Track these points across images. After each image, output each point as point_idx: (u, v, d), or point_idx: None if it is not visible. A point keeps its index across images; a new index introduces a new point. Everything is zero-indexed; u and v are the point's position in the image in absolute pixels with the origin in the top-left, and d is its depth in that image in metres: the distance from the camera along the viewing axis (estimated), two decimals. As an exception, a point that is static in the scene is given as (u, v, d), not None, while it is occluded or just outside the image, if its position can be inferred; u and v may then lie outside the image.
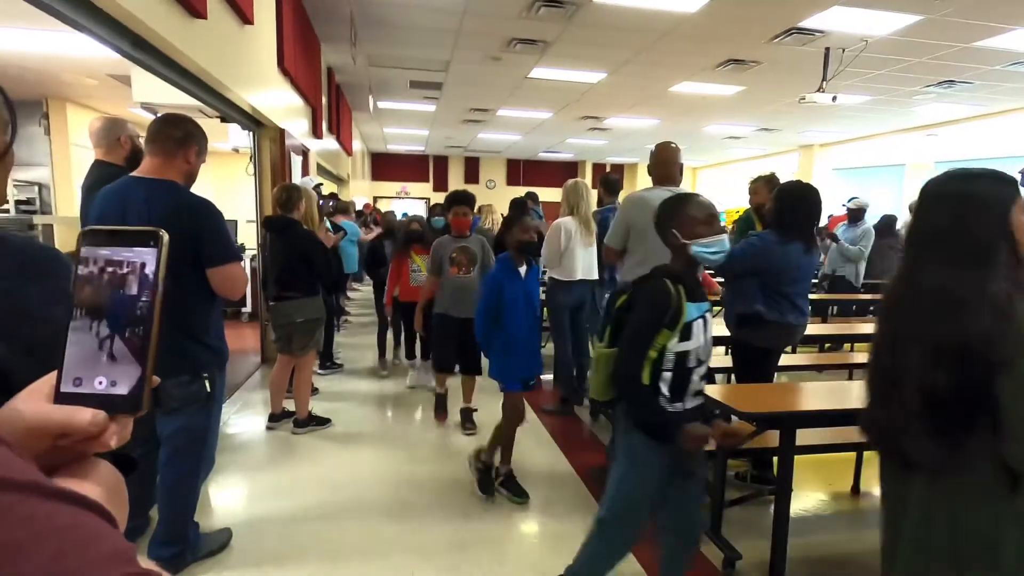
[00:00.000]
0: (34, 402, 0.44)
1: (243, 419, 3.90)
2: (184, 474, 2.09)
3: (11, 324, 0.77)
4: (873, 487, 3.16)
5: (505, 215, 5.32)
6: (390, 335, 5.23)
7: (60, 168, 6.60)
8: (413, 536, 2.52)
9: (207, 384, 1.99)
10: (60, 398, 0.44)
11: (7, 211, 6.22)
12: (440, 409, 3.99)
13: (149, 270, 0.44)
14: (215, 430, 2.20)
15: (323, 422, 3.73)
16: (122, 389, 0.44)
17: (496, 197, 12.90)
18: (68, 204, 6.36)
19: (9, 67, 5.04)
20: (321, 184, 5.44)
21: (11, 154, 0.89)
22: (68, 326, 0.44)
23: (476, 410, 3.82)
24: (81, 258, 0.45)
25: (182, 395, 1.95)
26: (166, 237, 0.45)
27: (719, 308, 3.50)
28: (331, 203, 6.20)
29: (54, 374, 0.45)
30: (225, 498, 2.89)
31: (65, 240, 4.91)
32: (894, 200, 10.95)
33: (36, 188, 6.94)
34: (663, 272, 1.66)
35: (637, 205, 2.81)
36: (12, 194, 6.46)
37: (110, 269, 0.44)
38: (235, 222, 6.95)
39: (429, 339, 4.17)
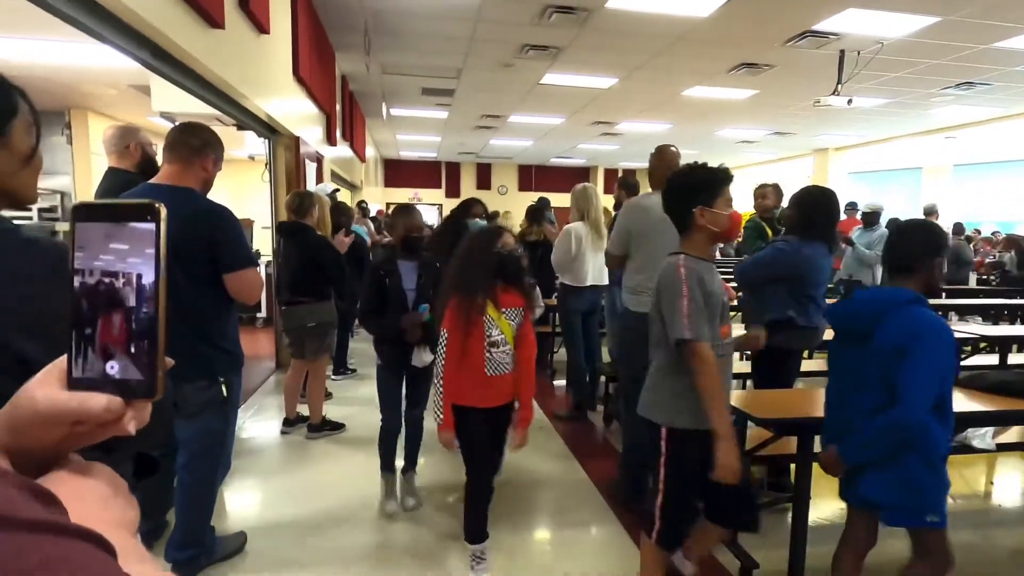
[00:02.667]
0: (48, 388, 0.43)
1: (258, 424, 3.93)
2: (202, 477, 2.11)
3: (43, 324, 0.79)
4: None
5: (522, 223, 5.35)
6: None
7: (81, 176, 6.74)
8: (427, 541, 2.51)
9: (224, 388, 2.01)
10: (73, 384, 0.43)
11: (31, 218, 6.37)
12: None
13: (149, 247, 0.42)
14: (232, 434, 2.22)
15: (337, 427, 3.75)
16: (135, 373, 0.43)
17: (508, 203, 12.94)
18: (88, 211, 6.47)
19: (34, 78, 5.17)
20: (338, 190, 5.48)
21: (39, 156, 0.91)
22: (74, 310, 0.43)
23: None
24: (76, 236, 0.42)
25: (199, 399, 1.97)
26: (164, 211, 0.42)
27: (734, 313, 3.47)
28: (362, 204, 6.28)
29: (64, 359, 0.44)
30: (240, 502, 2.91)
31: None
32: (911, 204, 10.81)
33: (58, 196, 7.09)
34: None
35: (636, 211, 2.81)
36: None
37: (109, 247, 0.42)
38: (251, 228, 7.05)
39: None
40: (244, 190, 7.62)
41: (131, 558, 0.36)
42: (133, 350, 0.43)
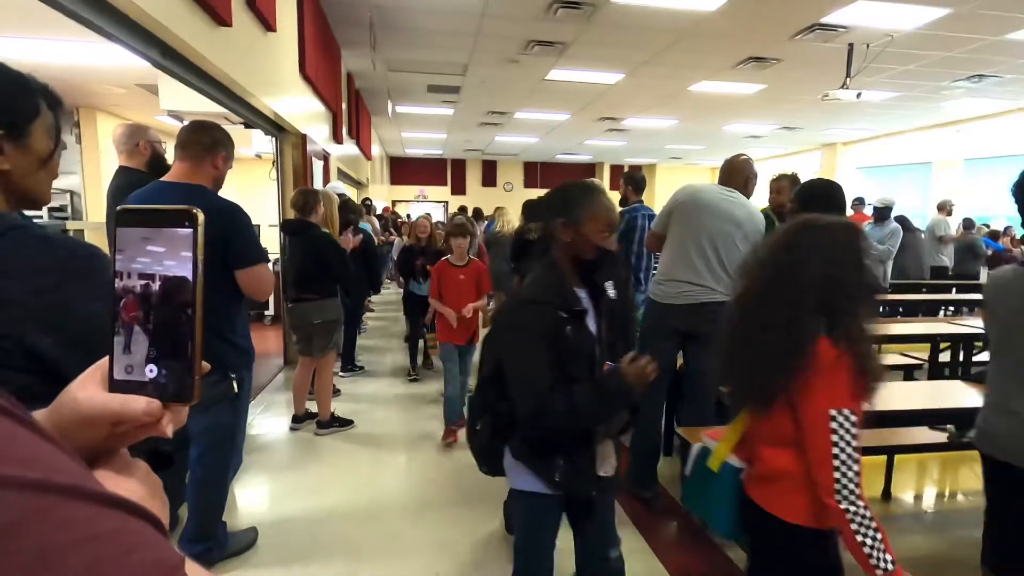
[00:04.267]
0: (89, 390, 0.44)
1: (267, 420, 3.95)
2: (213, 472, 2.13)
3: (57, 319, 0.80)
4: (904, 492, 3.08)
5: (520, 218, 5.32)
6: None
7: (90, 175, 6.80)
8: (436, 535, 2.52)
9: (235, 383, 2.02)
10: (114, 385, 0.44)
11: (41, 216, 6.43)
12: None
13: (187, 252, 0.43)
14: (243, 429, 2.23)
15: (346, 423, 3.77)
16: (172, 377, 0.44)
17: (514, 200, 12.93)
18: (98, 210, 6.53)
19: (44, 78, 5.21)
20: (344, 194, 5.49)
21: (56, 159, 0.92)
22: (114, 313, 0.44)
23: None
24: (118, 240, 0.43)
25: (211, 394, 1.98)
26: (201, 216, 0.43)
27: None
28: (367, 201, 6.28)
29: (106, 360, 0.45)
30: (251, 498, 2.94)
31: (97, 245, 5.04)
32: (921, 199, 10.71)
33: (68, 195, 7.15)
34: None
35: (687, 190, 2.81)
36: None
37: (149, 252, 0.43)
38: (258, 226, 7.07)
39: None
40: (252, 188, 7.66)
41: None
42: (171, 354, 0.44)
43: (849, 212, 6.73)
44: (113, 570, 0.29)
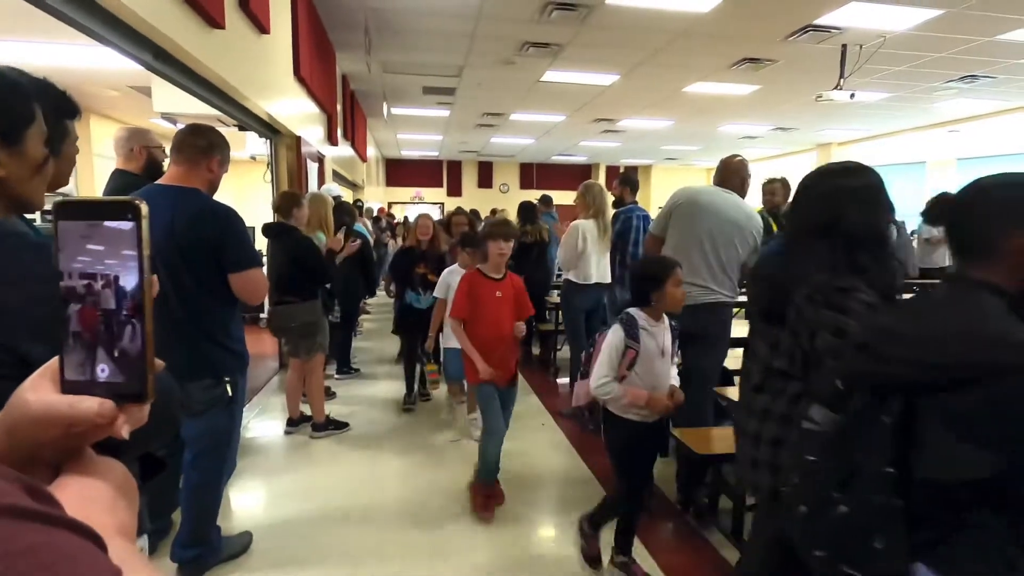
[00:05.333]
0: (41, 391, 0.43)
1: (262, 423, 3.94)
2: (207, 476, 2.12)
3: (51, 328, 0.80)
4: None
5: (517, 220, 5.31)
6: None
7: (83, 178, 6.75)
8: (432, 539, 2.52)
9: (229, 388, 2.01)
10: (66, 386, 0.42)
11: (34, 219, 6.37)
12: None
13: (131, 250, 0.41)
14: (237, 433, 2.22)
15: (341, 426, 3.75)
16: (124, 376, 0.42)
17: (510, 201, 12.93)
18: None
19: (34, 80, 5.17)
20: (340, 196, 5.47)
21: (50, 164, 0.92)
22: (61, 312, 0.42)
23: None
24: (59, 236, 0.41)
25: (205, 398, 1.97)
26: (145, 208, 0.41)
27: (738, 309, 3.46)
28: (358, 203, 6.24)
29: (57, 359, 0.43)
30: (245, 502, 2.92)
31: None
32: (915, 199, 10.76)
33: (61, 198, 7.11)
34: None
35: (685, 192, 2.82)
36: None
37: (91, 248, 0.41)
38: (252, 229, 7.05)
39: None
40: (247, 191, 7.64)
41: (134, 561, 0.36)
42: (121, 353, 0.42)
43: None
44: None
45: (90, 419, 0.42)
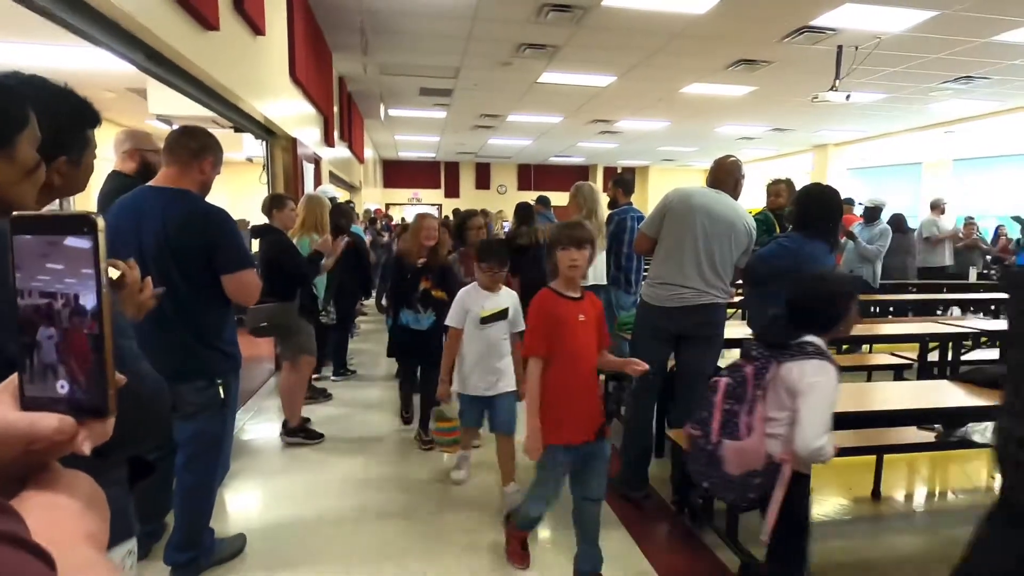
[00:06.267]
0: (1, 408, 0.42)
1: (257, 425, 3.93)
2: (200, 479, 2.11)
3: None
4: (894, 492, 3.09)
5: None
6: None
7: (80, 180, 6.73)
8: (426, 541, 2.51)
9: (221, 390, 2.01)
10: (26, 403, 0.42)
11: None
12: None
13: (88, 268, 0.41)
14: (230, 435, 2.21)
15: (314, 436, 3.61)
16: (84, 392, 0.42)
17: (507, 202, 12.93)
18: (88, 215, 6.48)
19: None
20: (335, 197, 5.46)
21: (41, 169, 0.91)
22: (20, 329, 0.42)
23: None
24: (16, 252, 0.41)
25: (197, 400, 1.97)
26: (101, 222, 0.41)
27: (733, 311, 3.47)
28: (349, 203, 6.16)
29: (16, 375, 0.43)
30: (239, 504, 2.91)
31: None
32: (911, 199, 10.79)
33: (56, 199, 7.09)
34: None
35: (678, 193, 2.80)
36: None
37: (47, 266, 0.41)
38: (245, 229, 7.05)
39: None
40: (242, 192, 7.62)
41: (99, 569, 0.35)
42: (80, 369, 0.42)
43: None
44: None
45: (49, 436, 0.41)
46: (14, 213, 0.42)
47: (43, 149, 0.90)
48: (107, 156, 2.74)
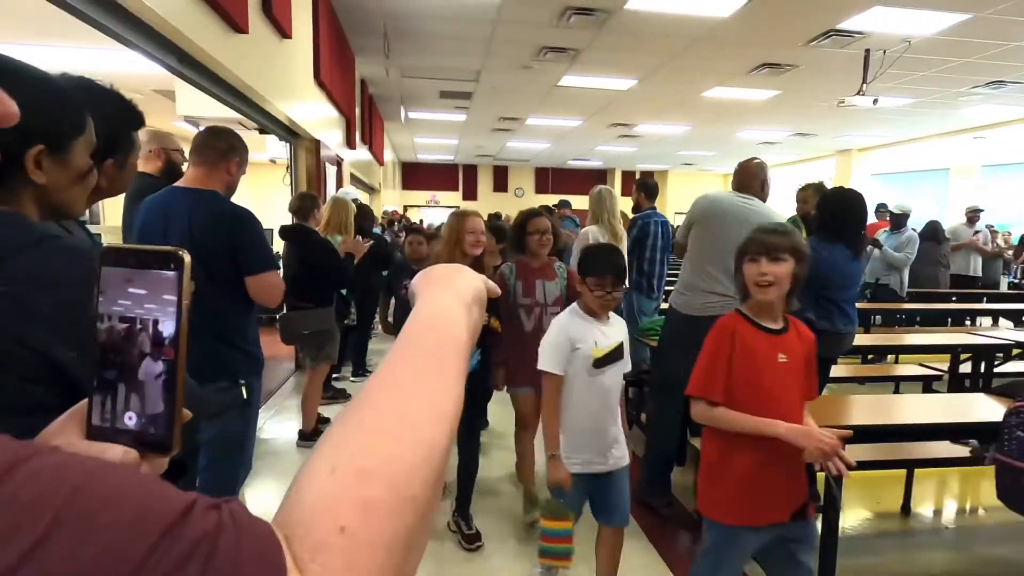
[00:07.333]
0: (66, 435, 0.42)
1: (278, 425, 3.96)
2: (223, 479, 2.12)
3: (80, 333, 0.79)
4: (924, 507, 3.01)
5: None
6: None
7: (108, 180, 6.88)
8: (444, 543, 2.50)
9: (244, 391, 2.02)
10: (92, 432, 0.42)
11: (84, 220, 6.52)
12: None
13: (171, 295, 0.41)
14: (252, 435, 2.22)
15: None
16: (151, 426, 0.41)
17: (525, 206, 12.95)
18: (115, 214, 6.61)
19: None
20: (356, 199, 5.49)
21: (93, 174, 0.92)
22: (95, 355, 0.41)
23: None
24: (101, 279, 0.41)
25: (220, 401, 1.98)
26: (187, 258, 0.41)
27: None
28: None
29: (85, 404, 0.43)
30: (261, 503, 2.93)
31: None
32: (938, 206, 10.54)
33: (109, 244, 7.26)
34: None
35: (704, 200, 2.78)
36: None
37: (131, 294, 0.41)
38: (271, 231, 7.13)
39: None
40: (266, 193, 7.72)
41: None
42: (152, 402, 0.41)
43: (872, 219, 6.65)
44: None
45: None
46: (105, 245, 0.43)
47: (92, 152, 0.90)
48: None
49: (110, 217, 6.75)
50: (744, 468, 1.54)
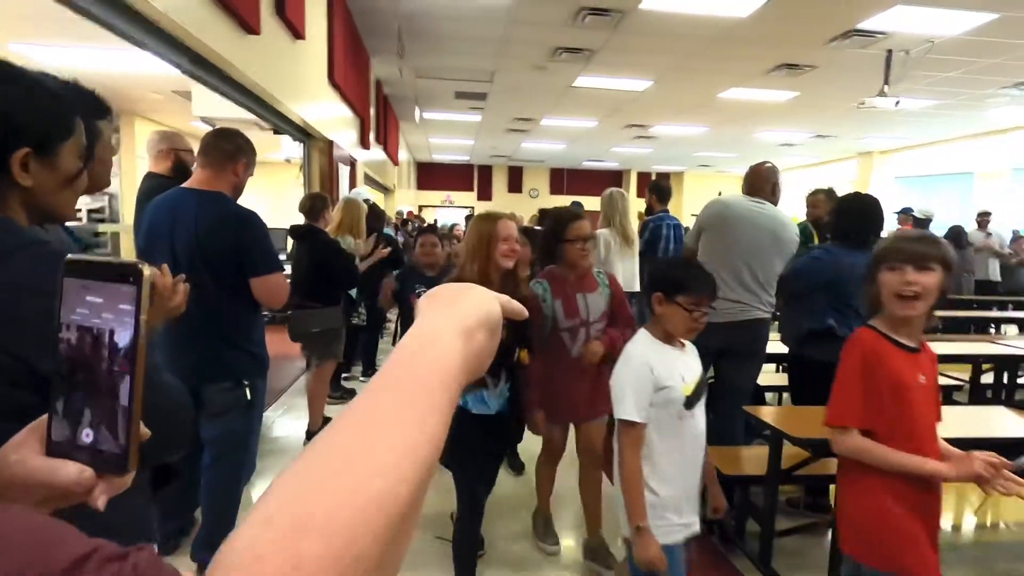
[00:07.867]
0: (23, 451, 0.42)
1: (286, 424, 3.98)
2: (226, 478, 2.13)
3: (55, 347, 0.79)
4: (942, 522, 2.91)
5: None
6: None
7: (127, 179, 7.01)
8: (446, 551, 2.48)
9: (248, 392, 2.02)
10: (51, 448, 0.41)
11: (80, 219, 6.66)
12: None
13: (129, 300, 0.40)
14: (256, 436, 2.23)
15: None
16: (109, 444, 0.40)
17: (539, 207, 12.91)
18: (132, 213, 6.74)
19: (89, 85, 5.40)
20: (368, 200, 5.51)
21: (83, 178, 0.91)
22: (57, 369, 0.41)
23: None
24: (64, 291, 0.41)
25: (224, 401, 1.98)
26: (147, 271, 0.40)
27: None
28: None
29: (45, 419, 0.42)
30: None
31: (128, 247, 5.19)
32: (962, 211, 10.28)
33: (107, 198, 7.40)
34: None
35: (714, 204, 2.76)
36: (86, 202, 6.89)
37: (89, 303, 0.40)
38: (286, 230, 7.21)
39: None
40: (280, 192, 7.80)
41: None
42: (106, 419, 0.41)
43: (895, 224, 6.50)
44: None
45: (66, 487, 0.41)
46: (68, 257, 0.41)
47: (82, 155, 0.89)
48: (147, 156, 2.84)
49: (129, 216, 6.87)
50: (888, 515, 1.38)
